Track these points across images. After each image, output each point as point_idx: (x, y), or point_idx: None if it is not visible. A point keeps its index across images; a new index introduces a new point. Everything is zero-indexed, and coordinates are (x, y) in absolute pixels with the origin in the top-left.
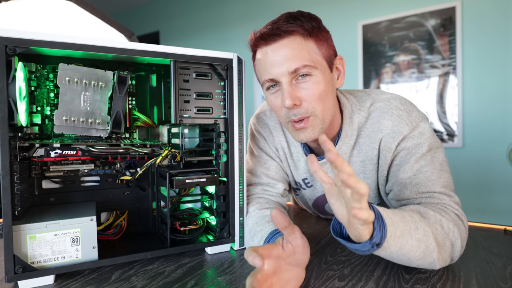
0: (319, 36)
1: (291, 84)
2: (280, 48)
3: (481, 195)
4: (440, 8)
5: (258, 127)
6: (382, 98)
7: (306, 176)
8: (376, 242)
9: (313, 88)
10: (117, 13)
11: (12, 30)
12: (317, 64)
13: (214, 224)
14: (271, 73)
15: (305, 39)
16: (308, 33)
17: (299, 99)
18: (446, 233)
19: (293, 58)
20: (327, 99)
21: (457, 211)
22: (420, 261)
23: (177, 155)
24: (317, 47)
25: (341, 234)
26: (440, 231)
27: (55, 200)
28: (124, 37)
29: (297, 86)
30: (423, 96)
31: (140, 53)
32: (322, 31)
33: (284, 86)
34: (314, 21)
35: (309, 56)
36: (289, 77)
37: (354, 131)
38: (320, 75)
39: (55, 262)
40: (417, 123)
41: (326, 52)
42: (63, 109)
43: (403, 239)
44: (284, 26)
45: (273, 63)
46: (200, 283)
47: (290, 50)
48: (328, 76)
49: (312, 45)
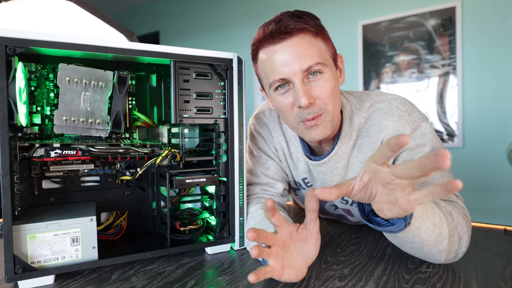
0: (324, 34)
1: (303, 82)
2: (291, 47)
3: (481, 195)
4: (440, 8)
5: (257, 127)
6: (382, 99)
7: (306, 176)
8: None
9: (325, 85)
10: (117, 13)
11: (12, 30)
12: (326, 61)
13: (214, 224)
14: (282, 72)
15: (315, 37)
16: (316, 31)
17: (313, 97)
18: (455, 226)
19: (305, 56)
20: (337, 96)
21: (464, 209)
22: (431, 247)
23: (177, 155)
24: (325, 45)
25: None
26: (450, 222)
27: (55, 200)
28: (124, 37)
29: (309, 84)
30: (423, 96)
31: (140, 53)
32: (325, 30)
33: (297, 85)
34: (317, 20)
35: (319, 53)
36: (302, 76)
37: (353, 131)
38: (330, 72)
39: (55, 262)
40: (418, 123)
41: (331, 50)
42: (63, 109)
43: (421, 220)
44: (293, 23)
45: (284, 62)
46: (200, 283)
47: (302, 48)
48: (335, 74)
49: (320, 43)
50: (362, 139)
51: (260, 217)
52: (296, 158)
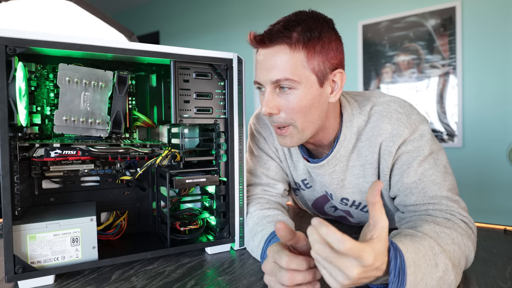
0: (315, 47)
1: (273, 92)
2: (269, 55)
3: (481, 195)
4: (440, 8)
5: (258, 127)
6: (381, 101)
7: (305, 177)
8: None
9: (293, 101)
10: (117, 13)
11: (12, 30)
12: (302, 78)
13: (214, 224)
14: (258, 77)
15: (294, 50)
16: (299, 44)
17: (277, 108)
18: (463, 252)
19: (277, 68)
20: (310, 114)
21: (465, 218)
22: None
23: (177, 155)
24: (307, 60)
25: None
26: (457, 252)
27: (55, 200)
28: (124, 37)
29: (280, 95)
30: (423, 96)
31: (140, 53)
32: (322, 42)
33: (266, 93)
34: (314, 31)
35: (294, 69)
36: (272, 86)
37: (353, 134)
38: (304, 89)
39: (55, 262)
40: (416, 126)
41: (319, 65)
42: (63, 109)
43: (423, 283)
44: (276, 33)
45: (261, 68)
46: (200, 283)
47: (277, 59)
48: (315, 92)
49: (300, 58)
50: (362, 142)
51: (259, 217)
52: (296, 159)
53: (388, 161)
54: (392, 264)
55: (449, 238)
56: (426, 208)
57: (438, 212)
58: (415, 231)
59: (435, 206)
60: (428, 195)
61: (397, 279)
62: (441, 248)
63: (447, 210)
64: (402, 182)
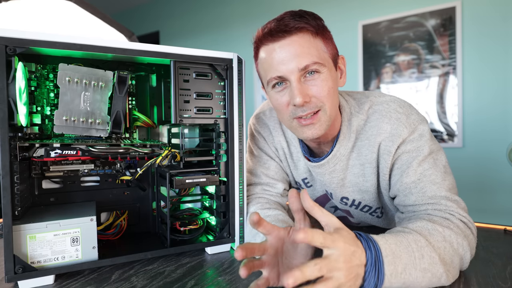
0: (325, 34)
1: (300, 81)
2: (289, 45)
3: (481, 195)
4: (440, 8)
5: (258, 127)
6: (380, 100)
7: (306, 176)
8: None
9: (322, 84)
10: (117, 13)
11: (12, 30)
12: (325, 61)
13: (214, 224)
14: (280, 70)
15: (314, 36)
16: (316, 31)
17: (308, 96)
18: (455, 250)
19: (303, 55)
20: (335, 96)
21: (464, 218)
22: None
23: (177, 155)
24: (324, 45)
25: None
26: (448, 250)
27: (55, 200)
28: (124, 37)
29: (305, 83)
30: (423, 96)
31: (140, 53)
32: (327, 30)
33: (293, 84)
34: (319, 20)
35: (318, 53)
36: (298, 74)
37: (352, 133)
38: (327, 72)
39: (55, 262)
40: (416, 125)
41: (332, 50)
42: (63, 109)
43: (406, 273)
44: (293, 22)
45: (282, 60)
46: (200, 283)
47: (300, 47)
48: (334, 74)
49: (320, 43)
50: (361, 142)
51: None
52: (296, 158)
53: (388, 161)
54: (368, 255)
55: (440, 236)
56: (425, 208)
57: (437, 212)
58: (405, 228)
59: (434, 206)
60: (427, 195)
61: (373, 268)
62: (428, 243)
63: (446, 210)
64: (401, 182)
